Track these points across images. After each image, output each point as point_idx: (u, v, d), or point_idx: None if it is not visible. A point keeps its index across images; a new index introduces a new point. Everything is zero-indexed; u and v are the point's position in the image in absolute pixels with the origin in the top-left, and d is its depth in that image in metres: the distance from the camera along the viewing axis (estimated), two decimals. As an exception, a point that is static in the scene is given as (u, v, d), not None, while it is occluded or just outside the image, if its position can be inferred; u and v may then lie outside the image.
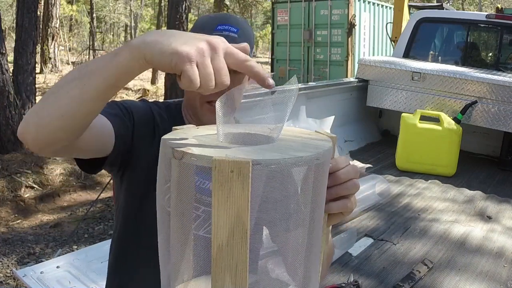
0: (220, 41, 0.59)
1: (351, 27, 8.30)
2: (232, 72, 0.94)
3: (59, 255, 2.42)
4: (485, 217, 2.67)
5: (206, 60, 0.57)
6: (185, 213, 0.62)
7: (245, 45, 0.65)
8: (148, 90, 11.08)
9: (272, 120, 0.67)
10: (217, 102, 0.62)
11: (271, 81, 0.60)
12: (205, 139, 0.61)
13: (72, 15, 20.38)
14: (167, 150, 0.56)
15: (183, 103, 1.11)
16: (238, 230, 0.50)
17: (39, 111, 0.67)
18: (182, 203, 0.60)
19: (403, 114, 3.61)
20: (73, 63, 12.49)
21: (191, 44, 0.56)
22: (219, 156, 0.50)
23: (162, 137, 0.59)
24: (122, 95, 10.81)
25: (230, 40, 0.91)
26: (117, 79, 0.63)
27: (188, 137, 0.61)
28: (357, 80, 4.21)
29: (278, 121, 0.64)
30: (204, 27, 0.98)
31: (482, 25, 4.48)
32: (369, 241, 2.30)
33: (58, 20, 13.43)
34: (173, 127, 0.65)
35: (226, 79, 0.58)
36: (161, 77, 10.39)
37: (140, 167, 0.98)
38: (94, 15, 14.54)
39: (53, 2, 12.89)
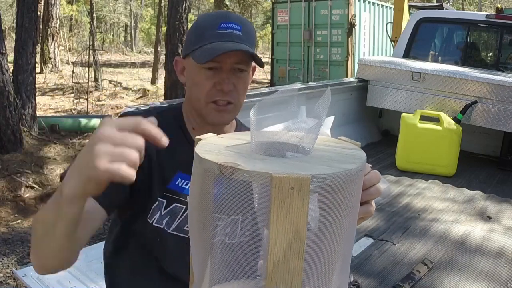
0: (105, 127, 0.57)
1: (351, 27, 8.30)
2: (238, 70, 0.95)
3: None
4: (485, 217, 2.67)
5: (113, 151, 0.55)
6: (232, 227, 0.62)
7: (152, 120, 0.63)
8: (148, 90, 11.08)
9: (302, 128, 0.68)
10: (251, 110, 0.65)
11: (164, 140, 0.61)
12: (240, 151, 0.60)
13: (72, 15, 20.37)
14: (209, 166, 0.54)
15: (183, 104, 1.09)
16: (296, 246, 0.50)
17: (35, 255, 0.74)
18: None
19: (403, 114, 3.61)
20: (73, 63, 12.49)
21: (91, 154, 0.54)
22: (278, 173, 0.50)
23: (196, 151, 0.58)
24: (122, 95, 10.81)
25: (235, 36, 0.96)
26: (71, 222, 0.64)
27: (220, 149, 0.60)
28: (357, 80, 4.21)
29: (310, 131, 0.65)
30: (207, 26, 0.98)
31: (482, 25, 4.48)
32: (369, 241, 2.30)
33: (58, 20, 13.42)
34: (196, 137, 0.66)
35: (136, 145, 0.57)
36: (161, 77, 10.40)
37: (138, 190, 0.97)
38: (94, 15, 14.54)
39: (53, 2, 12.89)
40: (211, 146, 0.62)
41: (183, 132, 1.05)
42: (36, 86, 6.41)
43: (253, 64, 1.03)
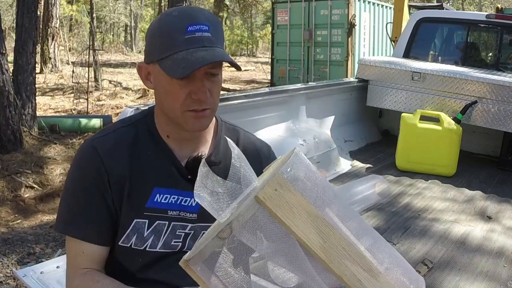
0: None
1: (351, 27, 8.31)
2: (211, 75, 0.92)
3: (59, 255, 2.42)
4: (485, 217, 2.67)
5: None
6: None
7: None
8: (148, 90, 11.08)
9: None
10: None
11: None
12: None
13: (72, 15, 20.38)
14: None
15: (155, 111, 1.04)
16: (320, 223, 0.58)
17: None
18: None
19: (403, 114, 3.61)
20: (73, 63, 12.50)
21: None
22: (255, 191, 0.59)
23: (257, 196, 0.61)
24: (122, 95, 10.81)
25: (206, 40, 0.91)
26: None
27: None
28: (357, 80, 4.21)
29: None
30: (172, 30, 0.91)
31: (482, 25, 4.48)
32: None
33: (58, 20, 13.43)
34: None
35: None
36: (161, 77, 10.38)
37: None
38: (94, 15, 14.54)
39: (53, 2, 12.89)
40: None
41: (157, 142, 1.01)
42: (36, 86, 6.41)
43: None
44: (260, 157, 1.11)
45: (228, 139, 0.80)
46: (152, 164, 0.99)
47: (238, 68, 0.99)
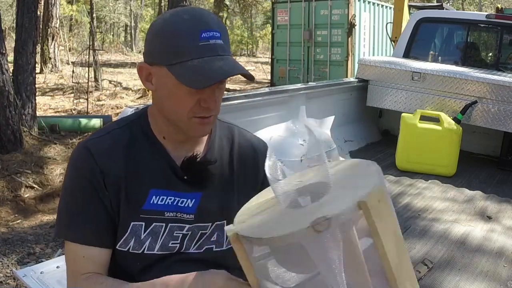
0: None
1: (351, 27, 8.31)
2: (219, 82, 0.90)
3: (59, 255, 2.42)
4: (485, 217, 2.67)
5: None
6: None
7: None
8: (148, 90, 11.07)
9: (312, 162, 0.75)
10: (266, 165, 0.72)
11: None
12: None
13: (72, 15, 20.38)
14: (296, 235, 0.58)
15: (150, 111, 1.02)
16: (400, 244, 0.62)
17: None
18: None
19: (403, 114, 3.61)
20: (73, 63, 12.50)
21: None
22: (361, 196, 0.57)
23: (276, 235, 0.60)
24: (122, 95, 10.80)
25: (219, 49, 0.89)
26: None
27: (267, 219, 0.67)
28: (357, 80, 4.21)
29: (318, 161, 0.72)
30: (185, 34, 0.88)
31: (482, 25, 4.48)
32: (369, 241, 2.30)
33: (58, 20, 13.43)
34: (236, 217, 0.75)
35: None
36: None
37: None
38: (94, 15, 14.54)
39: (53, 2, 12.89)
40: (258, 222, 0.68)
41: (152, 143, 1.00)
42: (36, 86, 6.41)
43: None
44: (257, 154, 1.11)
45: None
46: (147, 165, 0.98)
47: (251, 79, 0.97)
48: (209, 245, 1.04)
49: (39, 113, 7.01)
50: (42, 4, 12.54)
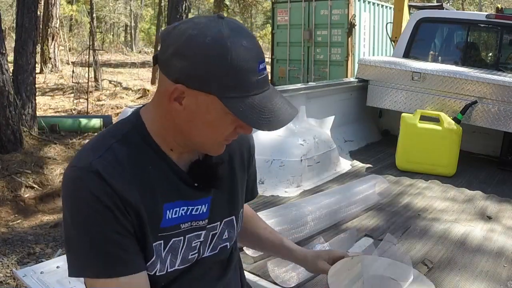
0: None
1: (351, 27, 8.31)
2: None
3: (59, 255, 2.43)
4: (485, 217, 2.67)
5: None
6: None
7: None
8: (148, 90, 11.08)
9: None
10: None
11: None
12: None
13: (72, 15, 20.38)
14: None
15: (156, 124, 0.91)
16: None
17: None
18: None
19: (403, 114, 3.61)
20: (73, 63, 12.50)
21: None
22: None
23: None
24: (122, 95, 10.81)
25: (267, 79, 0.85)
26: None
27: None
28: (357, 80, 4.21)
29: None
30: (247, 67, 0.80)
31: (482, 25, 4.48)
32: (369, 241, 2.30)
33: (58, 20, 13.43)
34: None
35: None
36: (161, 77, 10.38)
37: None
38: (94, 15, 14.54)
39: (53, 2, 12.89)
40: None
41: (159, 155, 0.91)
42: (36, 86, 6.42)
43: None
44: (249, 143, 1.13)
45: None
46: (156, 179, 0.90)
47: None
48: (222, 244, 1.03)
49: (39, 113, 7.01)
50: (42, 4, 12.55)
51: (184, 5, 7.38)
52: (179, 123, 0.88)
